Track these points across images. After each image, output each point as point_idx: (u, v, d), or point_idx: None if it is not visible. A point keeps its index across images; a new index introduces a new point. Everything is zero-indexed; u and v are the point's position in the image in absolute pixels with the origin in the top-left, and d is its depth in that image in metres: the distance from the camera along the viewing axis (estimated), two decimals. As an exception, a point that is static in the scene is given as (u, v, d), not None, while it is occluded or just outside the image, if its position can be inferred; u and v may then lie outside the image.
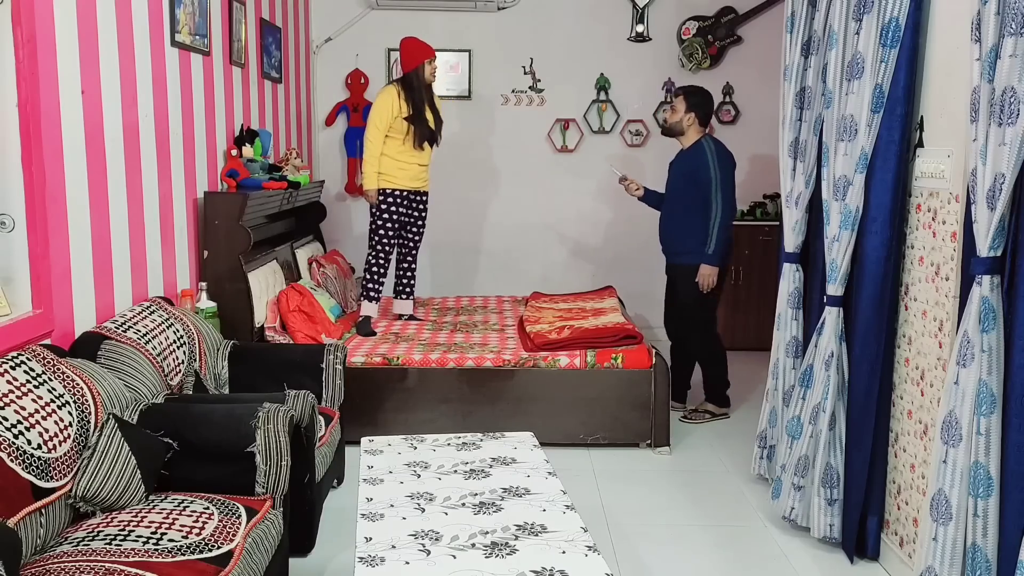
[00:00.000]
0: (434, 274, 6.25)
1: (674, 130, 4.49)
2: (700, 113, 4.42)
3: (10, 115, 2.52)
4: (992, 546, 2.24)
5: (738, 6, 5.99)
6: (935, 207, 2.73)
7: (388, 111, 4.50)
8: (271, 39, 5.03)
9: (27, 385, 2.26)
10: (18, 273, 2.60)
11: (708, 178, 4.30)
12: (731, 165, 4.36)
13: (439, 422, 4.04)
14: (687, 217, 4.40)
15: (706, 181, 4.30)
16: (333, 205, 6.08)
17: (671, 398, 4.74)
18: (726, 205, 4.29)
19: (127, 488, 2.36)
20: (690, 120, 4.42)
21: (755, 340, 5.29)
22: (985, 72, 2.17)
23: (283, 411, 2.63)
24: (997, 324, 2.23)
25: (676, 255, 4.52)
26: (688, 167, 4.42)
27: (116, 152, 3.13)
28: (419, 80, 4.55)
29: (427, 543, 2.15)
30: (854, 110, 2.91)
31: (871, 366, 2.94)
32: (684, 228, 4.42)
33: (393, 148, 4.55)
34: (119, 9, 3.14)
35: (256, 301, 3.96)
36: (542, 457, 2.76)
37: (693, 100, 4.43)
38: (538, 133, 6.18)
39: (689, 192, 4.38)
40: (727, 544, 3.21)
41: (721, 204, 4.28)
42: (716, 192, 4.28)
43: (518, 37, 6.05)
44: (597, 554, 2.11)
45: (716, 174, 4.29)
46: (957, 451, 2.29)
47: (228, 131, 4.33)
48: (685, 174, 4.43)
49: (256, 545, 2.30)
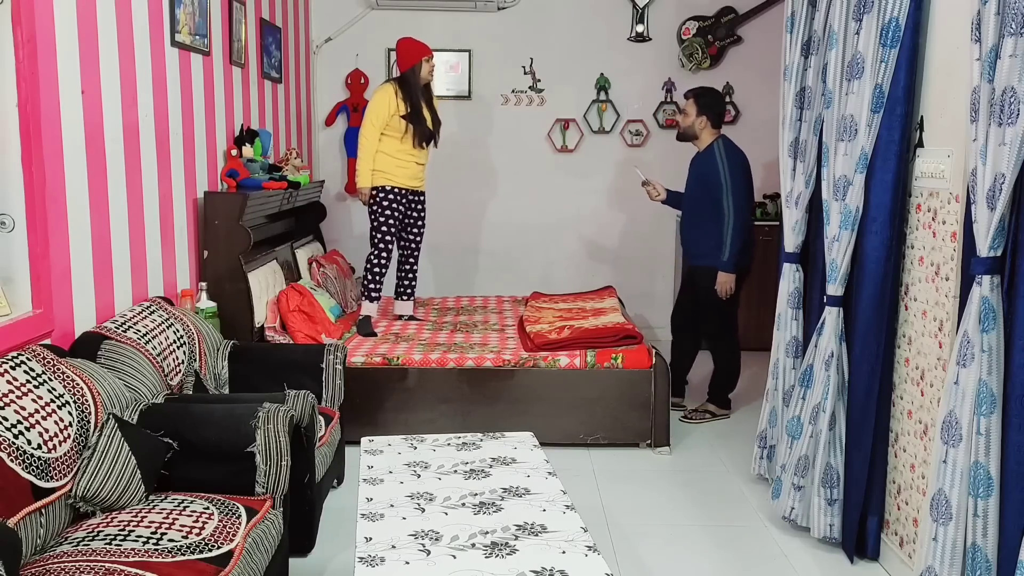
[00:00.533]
0: (434, 274, 6.25)
1: (688, 134, 4.46)
2: (712, 114, 4.39)
3: (10, 115, 2.52)
4: (992, 546, 2.24)
5: (738, 6, 5.99)
6: (935, 207, 2.73)
7: (385, 109, 4.49)
8: (271, 39, 5.03)
9: (27, 385, 2.26)
10: (18, 273, 2.60)
11: (718, 183, 4.28)
12: (743, 168, 4.32)
13: (439, 422, 4.04)
14: (702, 221, 4.38)
15: (716, 186, 4.28)
16: (333, 205, 6.08)
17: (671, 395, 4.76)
18: (738, 211, 4.25)
19: (127, 488, 2.36)
20: (703, 123, 4.39)
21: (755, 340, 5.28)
22: (985, 72, 2.17)
23: (283, 411, 2.63)
24: (997, 324, 2.23)
25: (694, 257, 4.52)
26: (700, 171, 4.40)
27: (116, 152, 3.13)
28: (416, 79, 4.54)
29: (427, 543, 2.15)
30: (854, 110, 2.91)
31: (871, 366, 2.94)
32: (701, 232, 4.41)
33: (392, 146, 4.54)
34: (119, 9, 3.14)
35: (256, 301, 3.96)
36: (542, 457, 2.76)
37: (704, 102, 4.40)
38: (538, 133, 6.18)
39: (703, 197, 4.36)
40: (727, 544, 3.21)
41: (733, 210, 4.24)
42: (727, 197, 4.25)
43: (518, 37, 6.05)
44: (597, 554, 2.11)
45: (726, 179, 4.26)
46: (957, 451, 2.29)
47: (228, 131, 4.33)
48: (698, 178, 4.42)
49: (256, 545, 2.30)
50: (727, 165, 4.28)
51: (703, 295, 4.43)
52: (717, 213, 4.28)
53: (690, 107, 4.42)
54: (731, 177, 4.27)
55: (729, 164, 4.29)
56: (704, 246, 4.38)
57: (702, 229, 4.39)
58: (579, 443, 4.09)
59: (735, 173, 4.29)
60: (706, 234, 4.36)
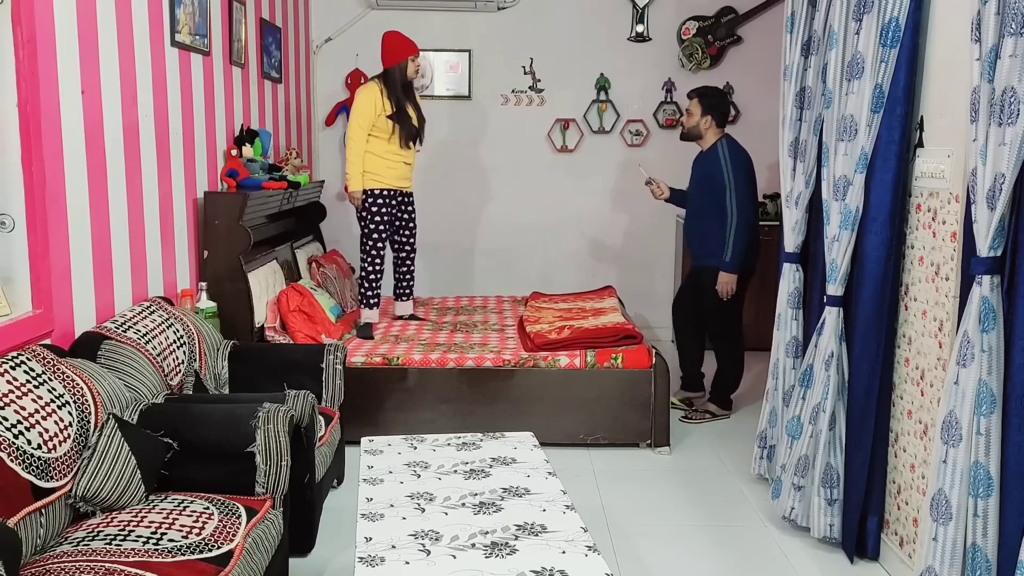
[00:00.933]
0: (434, 274, 6.25)
1: (692, 135, 4.45)
2: (716, 114, 4.38)
3: (10, 115, 2.53)
4: (992, 546, 2.24)
5: (738, 6, 5.99)
6: (935, 207, 2.73)
7: (371, 109, 4.39)
8: (271, 39, 5.03)
9: (27, 385, 2.26)
10: (18, 273, 2.60)
11: (722, 184, 4.27)
12: (746, 168, 4.31)
13: (439, 422, 4.04)
14: (706, 222, 4.37)
15: (720, 187, 4.27)
16: (333, 205, 6.08)
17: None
18: (742, 211, 4.24)
19: (127, 488, 2.36)
20: (707, 123, 4.38)
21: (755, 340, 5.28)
22: (985, 72, 2.17)
23: (283, 411, 2.63)
24: (997, 324, 2.23)
25: (699, 257, 4.51)
26: (704, 171, 4.40)
27: (116, 152, 3.13)
28: (401, 76, 4.44)
29: (427, 543, 2.15)
30: (854, 110, 2.91)
31: (871, 366, 2.94)
32: (705, 232, 4.40)
33: (379, 147, 4.45)
34: (119, 9, 3.14)
35: (256, 301, 3.96)
36: (542, 457, 2.76)
37: (708, 102, 4.39)
38: (538, 133, 6.18)
39: (707, 197, 4.36)
40: (727, 544, 3.21)
41: (736, 211, 4.23)
42: (731, 198, 4.24)
43: (518, 37, 6.05)
44: (597, 554, 2.11)
45: (729, 180, 4.25)
46: (957, 451, 2.29)
47: (228, 131, 4.33)
48: (702, 178, 4.41)
49: (256, 545, 2.30)
50: (731, 165, 4.28)
51: (707, 295, 4.43)
52: (720, 213, 4.28)
53: (694, 107, 4.41)
54: (734, 177, 4.26)
55: (733, 164, 4.28)
56: (708, 246, 4.38)
57: (706, 229, 4.39)
58: (579, 443, 4.09)
59: (739, 173, 4.28)
60: (710, 234, 4.35)
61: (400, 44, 4.48)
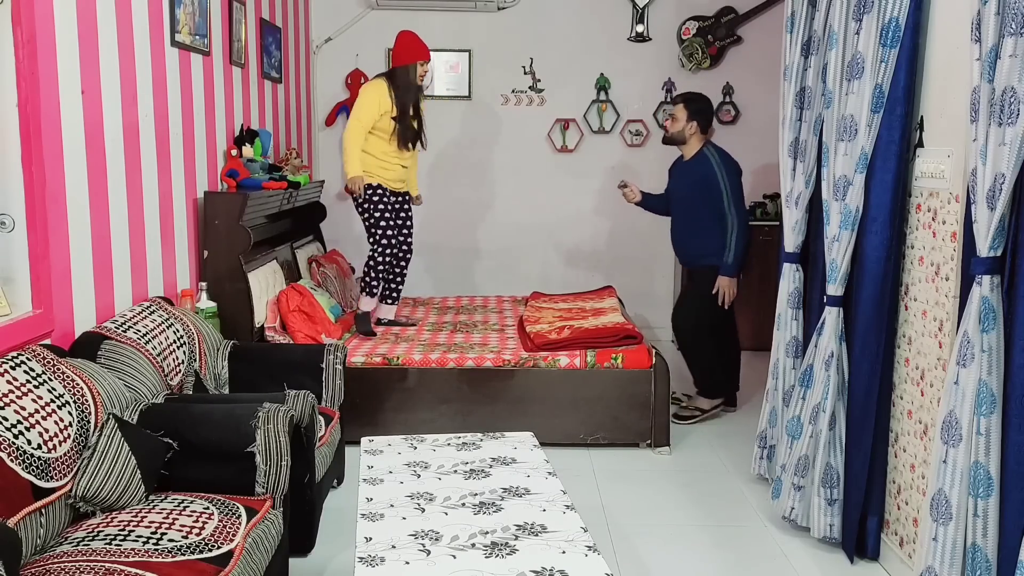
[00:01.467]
0: (434, 274, 6.25)
1: (676, 139, 4.45)
2: (702, 120, 4.38)
3: (10, 115, 2.53)
4: (992, 546, 2.24)
5: (738, 6, 5.99)
6: (935, 207, 2.73)
7: (376, 106, 4.35)
8: (271, 39, 5.04)
9: (27, 385, 2.26)
10: (18, 273, 2.60)
11: (719, 190, 4.26)
12: (737, 172, 4.34)
13: (439, 422, 4.03)
14: (703, 229, 4.36)
15: (717, 194, 4.27)
16: (333, 205, 6.07)
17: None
18: (740, 214, 4.26)
19: (127, 488, 2.36)
20: (692, 129, 4.38)
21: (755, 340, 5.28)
22: (985, 72, 2.17)
23: (283, 411, 2.63)
24: (997, 324, 2.23)
25: (696, 259, 4.49)
26: (695, 178, 4.38)
27: (116, 152, 3.13)
28: (410, 79, 4.42)
29: (427, 543, 2.15)
30: (854, 110, 2.91)
31: (871, 366, 2.94)
32: (700, 238, 4.39)
33: (377, 147, 4.41)
34: (119, 9, 3.14)
35: (256, 301, 3.96)
36: (542, 457, 2.76)
37: (694, 107, 4.38)
38: (538, 133, 6.18)
39: (701, 204, 4.34)
40: (727, 544, 3.21)
41: (736, 215, 4.25)
42: (729, 204, 4.25)
43: (518, 37, 6.05)
44: (597, 554, 2.11)
45: (725, 185, 4.26)
46: (957, 451, 2.29)
47: (228, 131, 4.33)
48: (693, 185, 4.39)
49: (256, 545, 2.30)
50: (724, 170, 4.29)
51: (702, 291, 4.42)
52: (719, 218, 4.28)
53: (680, 112, 4.40)
54: (730, 182, 4.28)
55: (726, 169, 4.30)
56: (705, 249, 4.37)
57: (701, 235, 4.38)
58: (579, 443, 4.09)
59: (732, 178, 4.30)
60: (707, 239, 4.35)
61: (414, 46, 4.45)
